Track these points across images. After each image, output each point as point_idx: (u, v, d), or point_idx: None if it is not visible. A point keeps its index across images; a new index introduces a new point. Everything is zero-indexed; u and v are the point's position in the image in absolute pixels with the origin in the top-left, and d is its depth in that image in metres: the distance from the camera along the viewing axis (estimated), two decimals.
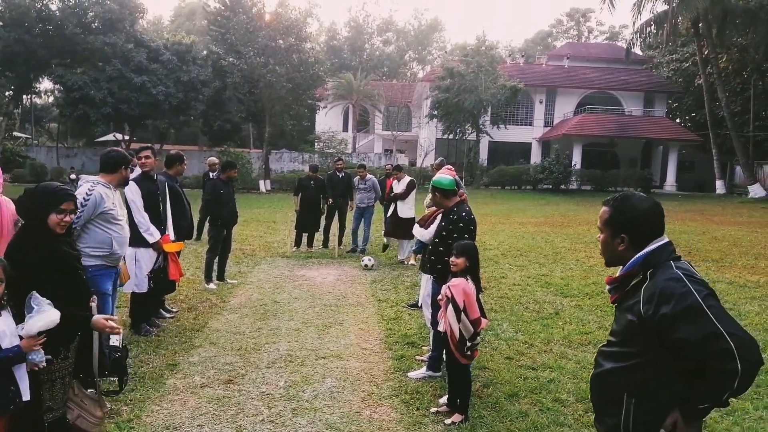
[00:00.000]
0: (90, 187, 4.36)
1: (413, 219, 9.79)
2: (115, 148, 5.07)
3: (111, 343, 3.09)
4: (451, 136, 32.20)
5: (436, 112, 31.69)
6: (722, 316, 1.79)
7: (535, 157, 35.05)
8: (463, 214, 4.42)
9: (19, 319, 2.60)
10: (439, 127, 33.10)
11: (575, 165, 30.69)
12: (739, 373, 1.74)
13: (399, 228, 9.73)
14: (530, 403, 4.21)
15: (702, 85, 29.60)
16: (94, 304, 3.03)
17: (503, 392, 4.39)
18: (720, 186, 29.12)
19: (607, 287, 2.09)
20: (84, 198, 4.26)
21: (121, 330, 3.02)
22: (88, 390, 3.03)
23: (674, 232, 13.64)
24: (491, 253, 10.66)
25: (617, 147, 34.15)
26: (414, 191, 9.98)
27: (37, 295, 2.59)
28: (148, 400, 4.08)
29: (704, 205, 23.00)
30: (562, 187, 29.65)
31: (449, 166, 5.46)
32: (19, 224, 3.18)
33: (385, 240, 10.64)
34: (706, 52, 28.36)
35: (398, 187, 9.95)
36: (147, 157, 5.78)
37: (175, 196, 6.09)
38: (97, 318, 2.88)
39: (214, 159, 10.22)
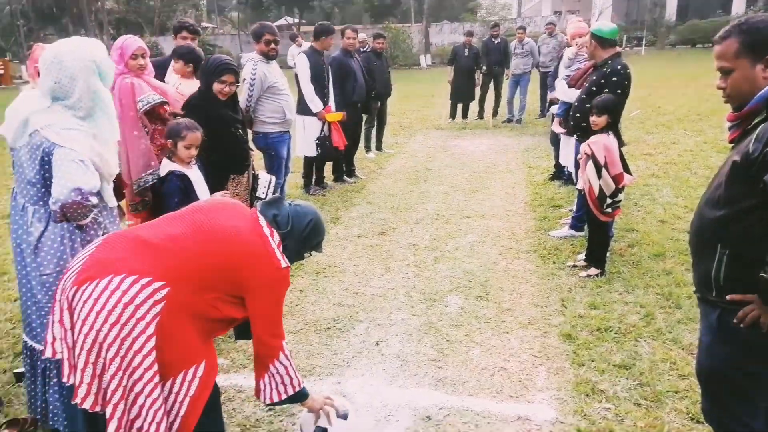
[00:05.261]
0: (252, 66, 4.87)
1: None
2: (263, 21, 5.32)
3: (257, 194, 3.71)
4: None
5: None
6: None
7: (738, 7, 29.34)
8: (618, 67, 4.13)
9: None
10: None
11: None
12: None
13: None
14: (677, 263, 4.11)
15: None
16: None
17: (648, 252, 4.32)
18: None
19: (727, 125, 1.88)
20: (251, 78, 4.81)
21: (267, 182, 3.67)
22: None
23: None
24: (665, 119, 9.71)
25: None
26: None
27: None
28: None
29: None
30: None
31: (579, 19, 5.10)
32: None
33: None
34: None
35: None
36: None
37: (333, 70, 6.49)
38: None
39: (363, 35, 10.54)
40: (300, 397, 2.05)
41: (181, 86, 3.86)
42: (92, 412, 1.61)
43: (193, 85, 3.77)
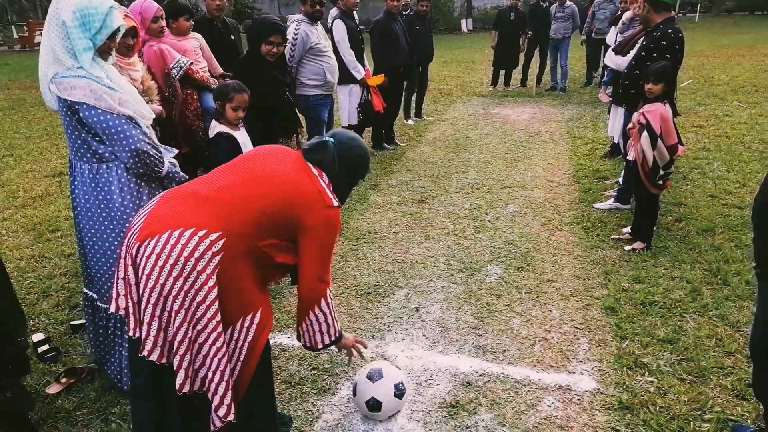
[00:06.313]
0: (295, 27, 4.85)
1: None
2: None
3: None
4: None
5: None
6: None
7: None
8: (669, 31, 3.94)
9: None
10: None
11: None
12: None
13: None
14: (726, 239, 3.99)
15: None
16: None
17: (697, 227, 4.20)
18: None
19: None
20: (293, 38, 4.78)
21: None
22: None
23: None
24: (718, 90, 9.29)
25: None
26: None
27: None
28: (354, 212, 4.82)
29: None
30: None
31: None
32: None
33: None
34: None
35: None
36: None
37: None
38: None
39: None
40: (336, 342, 2.06)
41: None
42: (157, 366, 1.68)
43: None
